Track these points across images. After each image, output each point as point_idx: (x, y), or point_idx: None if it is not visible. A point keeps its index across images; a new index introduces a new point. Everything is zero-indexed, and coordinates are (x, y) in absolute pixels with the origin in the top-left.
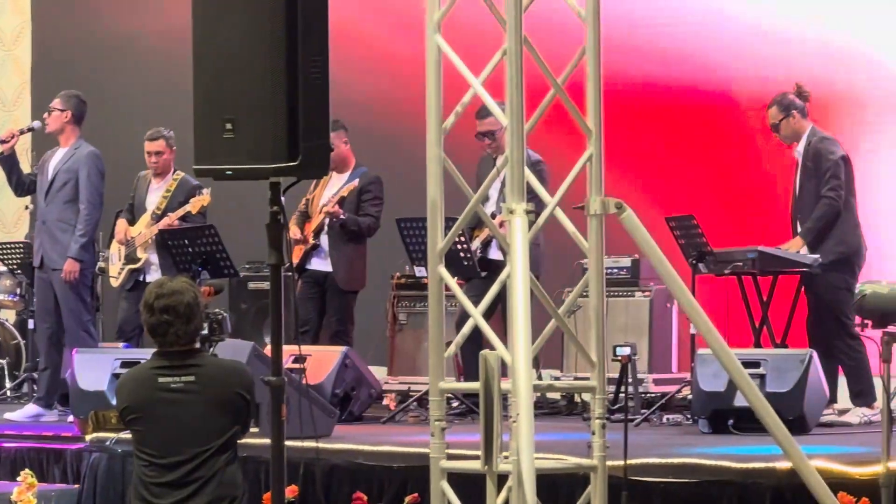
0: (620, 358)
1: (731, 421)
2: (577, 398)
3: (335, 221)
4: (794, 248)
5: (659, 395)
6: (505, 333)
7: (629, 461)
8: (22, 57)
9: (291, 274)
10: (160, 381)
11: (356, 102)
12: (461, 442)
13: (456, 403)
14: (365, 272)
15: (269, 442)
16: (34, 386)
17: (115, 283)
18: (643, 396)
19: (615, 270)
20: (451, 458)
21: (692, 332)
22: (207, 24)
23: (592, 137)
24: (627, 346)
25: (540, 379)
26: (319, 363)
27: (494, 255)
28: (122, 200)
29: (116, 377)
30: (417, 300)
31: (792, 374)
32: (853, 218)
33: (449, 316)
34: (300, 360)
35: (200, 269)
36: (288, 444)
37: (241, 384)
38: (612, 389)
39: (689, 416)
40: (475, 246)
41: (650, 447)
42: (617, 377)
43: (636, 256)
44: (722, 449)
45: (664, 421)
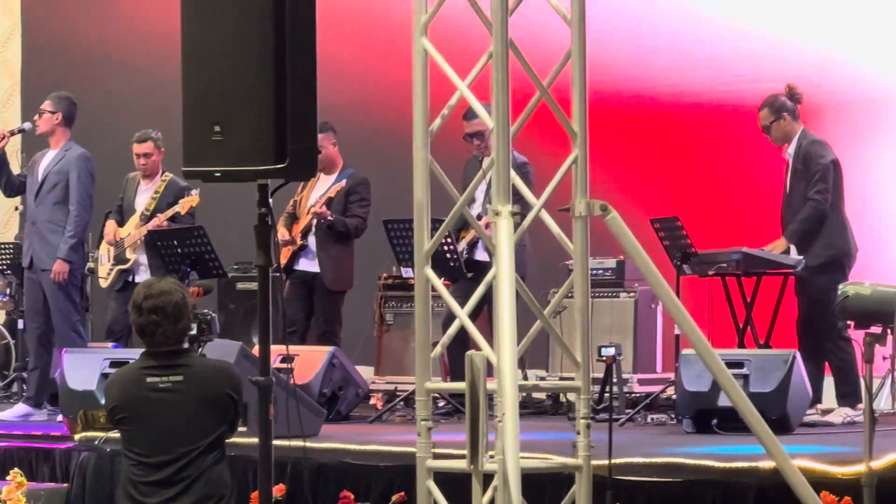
0: (605, 358)
1: (714, 421)
2: (562, 398)
3: (323, 223)
4: (778, 249)
5: (643, 395)
6: (491, 334)
7: (614, 461)
8: (12, 59)
9: (279, 275)
10: (148, 380)
11: (344, 104)
12: (447, 441)
13: (442, 403)
14: (352, 273)
15: (256, 441)
16: (24, 385)
17: (104, 283)
18: (628, 396)
19: (600, 272)
20: (437, 457)
21: (676, 332)
22: (196, 26)
23: (578, 140)
24: (612, 346)
25: (525, 379)
26: (307, 363)
27: (480, 256)
28: (111, 202)
29: (105, 377)
30: (404, 301)
31: (775, 374)
32: (841, 221)
33: (435, 316)
34: (288, 359)
35: (189, 269)
36: (275, 443)
37: (228, 384)
38: (596, 389)
39: (673, 415)
40: (461, 247)
41: (635, 447)
42: (602, 377)
43: (621, 258)
44: (706, 448)
45: (648, 421)
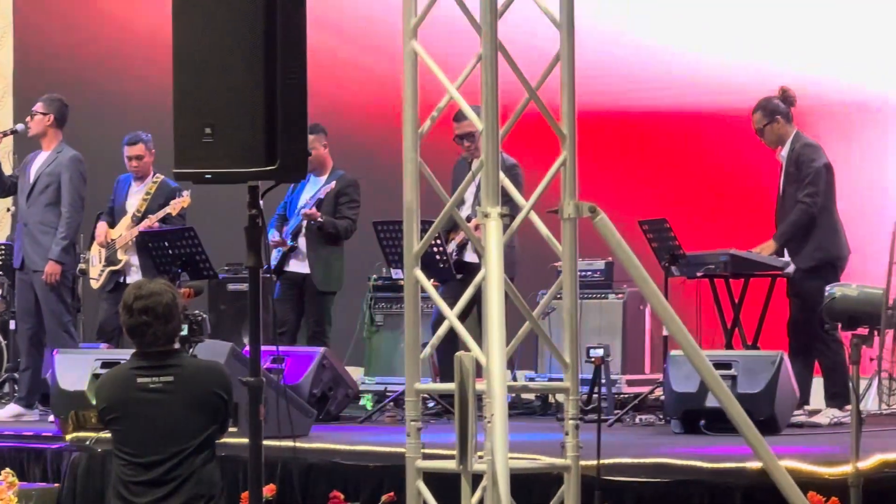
0: (594, 359)
1: (702, 421)
2: (550, 399)
3: (313, 224)
4: (766, 251)
5: (632, 395)
6: (480, 335)
7: (602, 461)
8: (3, 61)
9: (269, 276)
10: (139, 381)
11: (335, 106)
12: (437, 442)
13: (432, 404)
14: (342, 274)
15: (247, 441)
16: (15, 386)
17: (95, 284)
18: (616, 397)
19: (589, 273)
20: (426, 457)
21: (664, 333)
22: (187, 29)
23: (566, 142)
24: (601, 347)
25: (514, 380)
26: (297, 364)
27: (470, 257)
28: (102, 203)
29: (97, 377)
30: (394, 302)
31: (763, 375)
32: (832, 224)
33: (425, 317)
34: (278, 360)
35: (180, 270)
36: (266, 443)
37: (218, 384)
38: (585, 390)
39: (661, 416)
40: (451, 249)
41: (623, 447)
42: (590, 378)
43: (609, 259)
44: (694, 449)
45: (637, 421)
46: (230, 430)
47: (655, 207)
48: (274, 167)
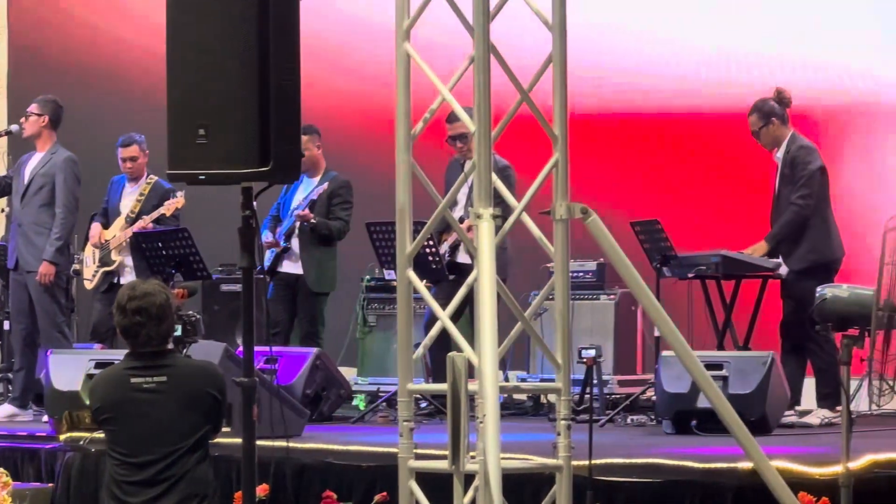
0: (585, 360)
1: (694, 422)
2: (542, 399)
3: (306, 225)
4: (758, 251)
5: (623, 396)
6: (472, 336)
7: (594, 461)
8: None
9: (263, 276)
10: (132, 381)
11: (328, 107)
12: (429, 442)
13: (424, 404)
14: (335, 275)
15: (240, 441)
16: (9, 386)
17: (89, 285)
18: (608, 397)
19: (581, 274)
20: (419, 457)
21: (656, 334)
22: (181, 31)
23: (558, 144)
24: (592, 348)
25: (506, 380)
26: (290, 364)
27: (462, 258)
28: (96, 204)
29: (90, 377)
30: (387, 302)
31: (754, 376)
32: (826, 226)
33: (417, 318)
34: (271, 360)
35: (174, 271)
36: (259, 443)
37: (212, 384)
38: (577, 391)
39: (652, 416)
40: (443, 250)
41: (614, 447)
42: (582, 379)
43: (601, 260)
44: (685, 449)
45: (628, 422)
46: (223, 430)
47: (649, 208)
48: (267, 168)
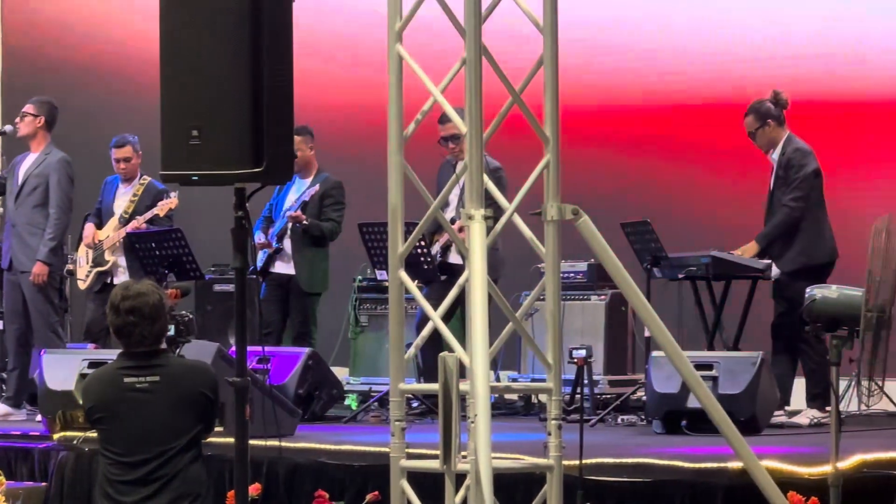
0: (576, 360)
1: (684, 422)
2: (533, 399)
3: (298, 226)
4: (749, 252)
5: (614, 396)
6: (464, 336)
7: (584, 461)
8: None
9: (256, 277)
10: (125, 381)
11: (320, 108)
12: (421, 442)
13: (416, 404)
14: (327, 275)
15: (233, 441)
16: (3, 386)
17: (82, 285)
18: (598, 398)
19: (571, 274)
20: (410, 457)
21: (646, 335)
22: (175, 32)
23: (550, 145)
24: (583, 348)
25: (498, 380)
26: (283, 364)
27: (454, 259)
28: (89, 205)
29: (84, 377)
30: (378, 303)
31: (744, 376)
32: (818, 229)
33: (409, 318)
34: (264, 360)
35: (167, 271)
36: (251, 442)
37: (204, 384)
38: (568, 391)
39: (643, 416)
40: (435, 250)
41: (605, 447)
42: (573, 379)
43: (592, 261)
44: (675, 449)
45: (619, 422)
46: (216, 429)
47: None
48: (260, 169)
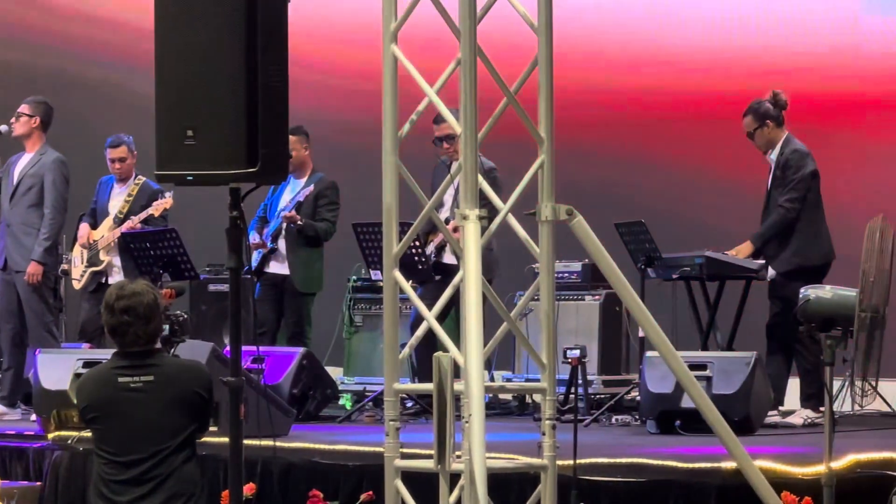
0: (570, 360)
1: (678, 422)
2: (528, 399)
3: (293, 227)
4: (743, 252)
5: (608, 396)
6: (458, 336)
7: (578, 461)
8: None
9: (250, 277)
10: (120, 380)
11: (315, 108)
12: (415, 441)
13: (410, 404)
14: (322, 275)
15: (227, 440)
16: None
17: (77, 285)
18: (592, 398)
19: (566, 275)
20: (405, 457)
21: (641, 335)
22: (169, 32)
23: (544, 145)
24: (577, 348)
25: (492, 380)
26: (277, 364)
27: (448, 259)
28: (84, 205)
29: (79, 377)
30: (373, 303)
31: (738, 376)
32: (815, 230)
33: (403, 318)
34: (259, 360)
35: (162, 271)
36: (246, 442)
37: (199, 383)
38: (562, 391)
39: (637, 417)
40: (429, 250)
41: (599, 447)
42: (567, 379)
43: (587, 261)
44: (669, 449)
45: (613, 422)
46: (211, 429)
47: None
48: (255, 169)
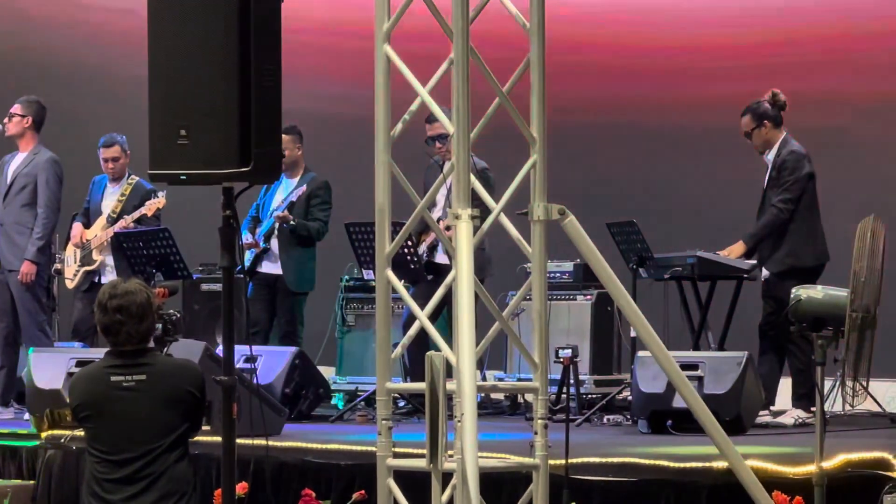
0: (562, 360)
1: (669, 421)
2: (520, 399)
3: (285, 227)
4: (735, 252)
5: (600, 395)
6: (450, 335)
7: (570, 460)
8: None
9: (243, 276)
10: (112, 379)
11: (308, 108)
12: (407, 441)
13: (402, 403)
14: (314, 275)
15: (220, 439)
16: None
17: (70, 284)
18: (584, 397)
19: (558, 274)
20: (397, 456)
21: (632, 334)
22: (163, 31)
23: (536, 145)
24: (569, 348)
25: (484, 380)
26: (270, 363)
27: (440, 259)
28: (78, 204)
29: (72, 376)
30: (365, 302)
31: (729, 376)
32: (811, 231)
33: (396, 318)
34: (251, 359)
35: (154, 270)
36: (238, 441)
37: (191, 382)
38: (554, 390)
39: (628, 416)
40: (422, 250)
41: (591, 447)
42: (559, 378)
43: (579, 261)
44: (660, 448)
45: (605, 421)
46: (203, 428)
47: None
48: (248, 169)
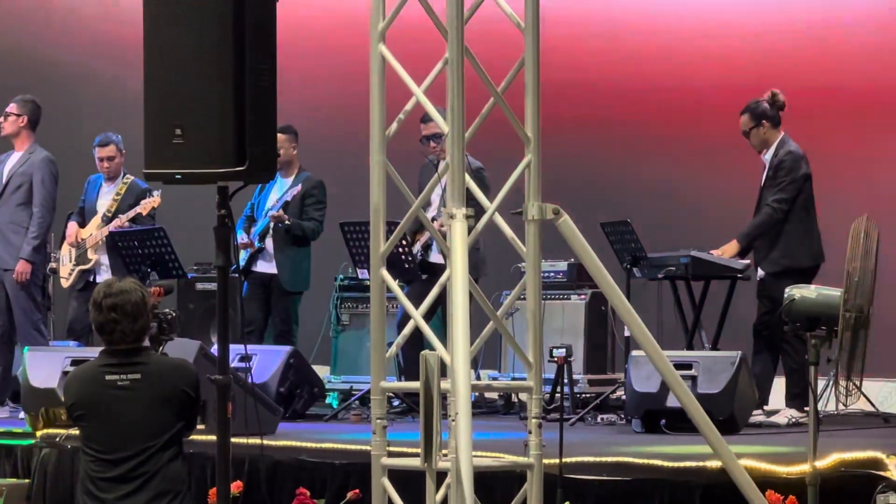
0: (556, 359)
1: (663, 421)
2: (514, 398)
3: (280, 226)
4: (729, 251)
5: (594, 395)
6: (445, 335)
7: (564, 459)
8: None
9: (238, 275)
10: (107, 378)
11: (303, 107)
12: (402, 440)
13: (397, 402)
14: (309, 274)
15: (215, 438)
16: None
17: (65, 283)
18: (578, 396)
19: (552, 274)
20: (391, 455)
21: (626, 334)
22: (158, 31)
23: (531, 145)
24: (563, 347)
25: (478, 379)
26: (264, 362)
27: (435, 258)
28: (73, 203)
29: (67, 375)
30: (360, 301)
31: (723, 375)
32: (804, 233)
33: (390, 317)
34: (246, 358)
35: (150, 270)
36: (233, 440)
37: (185, 381)
38: (548, 390)
39: (622, 415)
40: (416, 249)
41: (585, 446)
42: (553, 378)
43: (573, 260)
44: (654, 448)
45: (598, 421)
46: (198, 427)
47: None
48: (243, 168)
